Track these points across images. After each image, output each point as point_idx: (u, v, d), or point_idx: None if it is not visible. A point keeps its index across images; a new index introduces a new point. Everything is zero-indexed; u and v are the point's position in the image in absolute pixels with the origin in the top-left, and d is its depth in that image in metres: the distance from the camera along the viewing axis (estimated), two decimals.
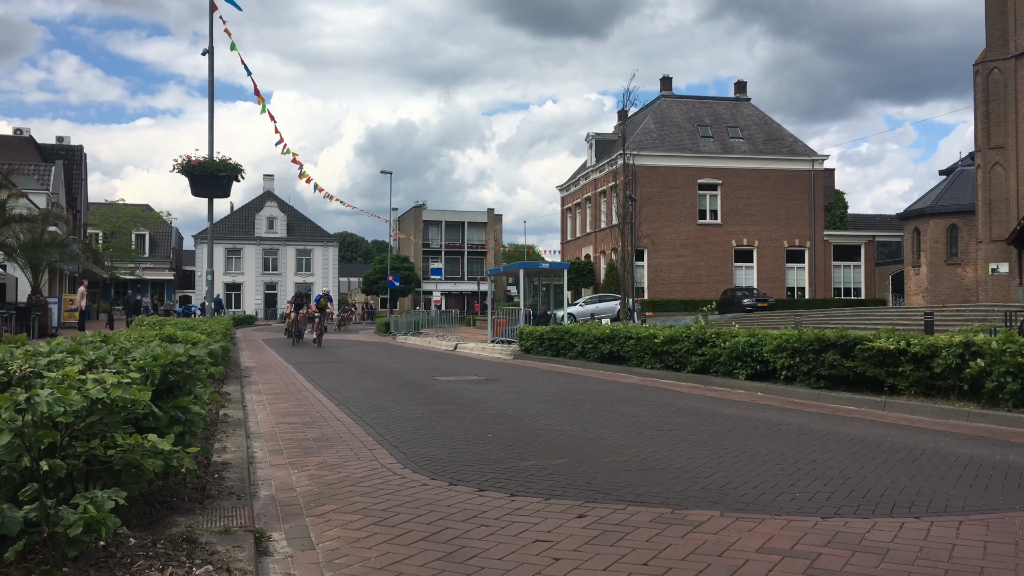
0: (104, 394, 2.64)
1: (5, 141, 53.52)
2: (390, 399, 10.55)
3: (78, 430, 2.90)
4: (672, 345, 14.32)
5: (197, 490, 4.54)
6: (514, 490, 5.14)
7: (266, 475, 5.71)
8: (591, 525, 4.29)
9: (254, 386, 12.49)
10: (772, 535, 4.10)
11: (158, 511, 4.06)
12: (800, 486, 5.24)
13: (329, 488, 5.27)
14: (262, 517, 4.49)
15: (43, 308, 28.83)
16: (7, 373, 3.17)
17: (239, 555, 3.41)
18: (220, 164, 16.78)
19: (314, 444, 7.05)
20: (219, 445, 6.25)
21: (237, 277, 76.76)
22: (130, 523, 3.65)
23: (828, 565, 3.63)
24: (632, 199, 40.40)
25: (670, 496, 4.96)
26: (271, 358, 19.81)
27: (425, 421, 8.41)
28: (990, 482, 5.47)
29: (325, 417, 8.84)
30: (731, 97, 58.27)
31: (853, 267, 53.92)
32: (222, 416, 8.01)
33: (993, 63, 40.89)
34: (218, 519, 4.01)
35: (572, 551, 3.85)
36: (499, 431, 7.69)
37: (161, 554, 3.29)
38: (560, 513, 4.55)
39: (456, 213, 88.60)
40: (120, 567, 3.09)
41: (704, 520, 4.38)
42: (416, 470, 5.82)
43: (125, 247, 65.15)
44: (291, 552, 3.88)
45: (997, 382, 8.95)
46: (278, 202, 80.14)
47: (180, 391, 4.06)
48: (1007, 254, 39.78)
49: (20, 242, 27.52)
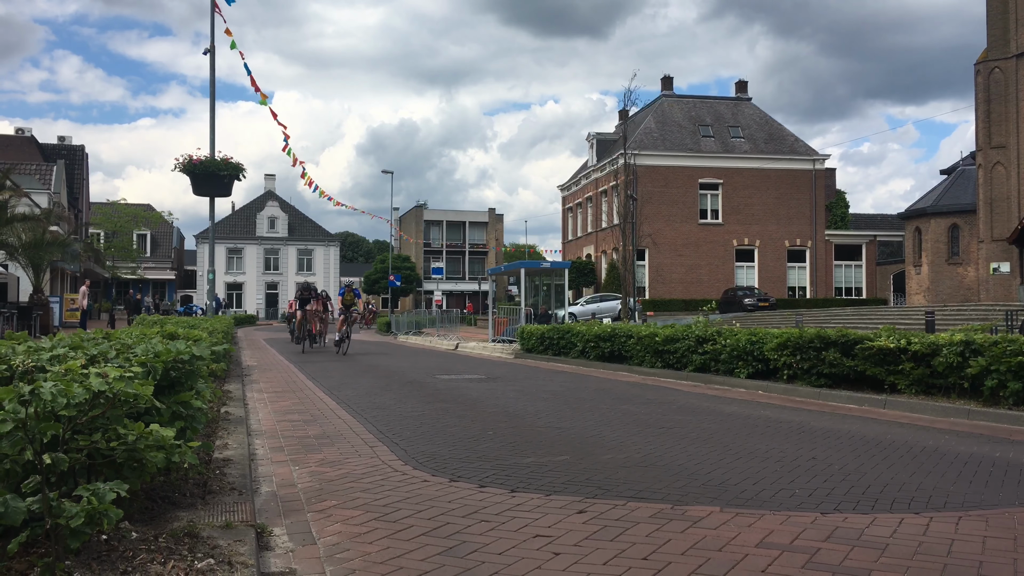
0: (107, 387, 2.65)
1: (7, 141, 53.56)
2: (391, 397, 10.56)
3: (80, 424, 2.92)
4: (673, 344, 14.33)
5: (199, 486, 4.55)
6: (514, 486, 5.15)
7: (267, 472, 5.73)
8: (591, 520, 4.31)
9: (255, 384, 12.51)
10: (771, 530, 4.11)
11: (160, 506, 4.08)
12: (800, 483, 5.25)
13: (330, 484, 5.28)
14: (263, 513, 4.51)
15: (45, 307, 28.85)
16: (10, 368, 3.19)
17: (240, 549, 3.43)
18: (221, 163, 16.81)
19: (315, 441, 7.06)
20: (220, 442, 6.27)
21: (238, 277, 76.80)
22: (132, 518, 3.67)
23: (827, 559, 3.64)
24: (633, 198, 40.39)
25: (670, 492, 4.98)
26: (272, 358, 19.82)
27: (426, 419, 8.43)
28: (989, 479, 5.48)
29: (326, 415, 8.86)
30: (732, 97, 58.25)
31: (854, 267, 53.90)
32: (223, 414, 8.02)
33: (994, 62, 40.86)
34: (219, 514, 4.02)
35: (572, 546, 3.87)
36: (500, 429, 7.70)
37: (163, 548, 3.31)
38: (560, 509, 4.56)
39: (457, 213, 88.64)
40: (122, 560, 3.11)
41: (704, 516, 4.39)
42: (417, 467, 5.84)
43: (126, 247, 65.21)
44: (292, 547, 3.90)
45: (997, 380, 8.96)
46: (279, 202, 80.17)
47: (182, 387, 4.07)
48: (1008, 253, 39.76)
49: (22, 241, 27.53)
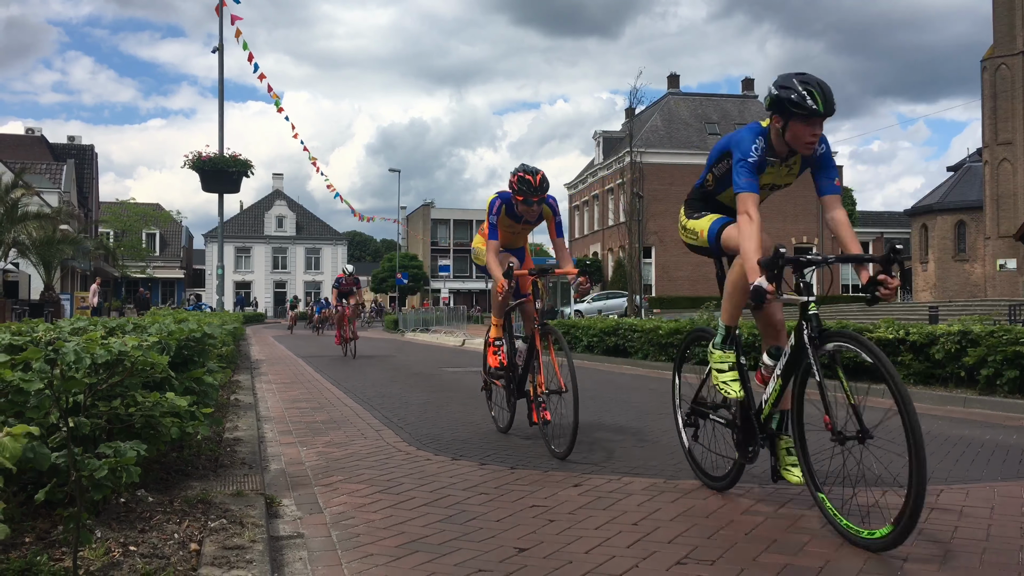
0: (127, 350, 2.84)
1: (17, 140, 54.04)
2: (397, 388, 10.76)
3: (101, 390, 3.11)
4: (676, 337, 14.48)
5: (211, 460, 4.75)
6: (514, 464, 5.34)
7: (276, 451, 5.92)
8: (586, 493, 4.48)
9: (264, 376, 12.72)
10: (759, 500, 4.28)
11: (174, 478, 4.27)
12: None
13: (336, 462, 5.47)
14: (272, 486, 4.70)
15: (56, 305, 29.19)
16: (34, 340, 3.39)
17: (251, 512, 3.62)
18: (230, 160, 17.06)
19: (322, 426, 7.26)
20: (231, 424, 6.47)
21: (247, 276, 77.22)
22: (148, 487, 3.86)
23: (809, 525, 3.81)
24: (639, 196, 40.53)
25: (664, 469, 5.15)
26: (281, 352, 20.06)
27: (430, 406, 8.61)
28: (992, 458, 5.63)
29: (333, 403, 9.05)
30: (738, 94, 58.36)
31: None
32: (233, 401, 8.22)
33: (1001, 59, 40.86)
34: (231, 484, 4.22)
35: (567, 514, 4.05)
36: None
37: (178, 510, 3.51)
38: (557, 483, 4.74)
39: (465, 211, 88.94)
40: (140, 520, 3.30)
41: (694, 488, 4.57)
42: (420, 447, 6.02)
43: (136, 245, 65.67)
44: (300, 515, 4.09)
45: (993, 369, 9.09)
46: (287, 201, 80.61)
47: (195, 364, 4.27)
48: (1015, 250, 39.76)
49: (33, 239, 27.89)
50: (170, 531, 3.22)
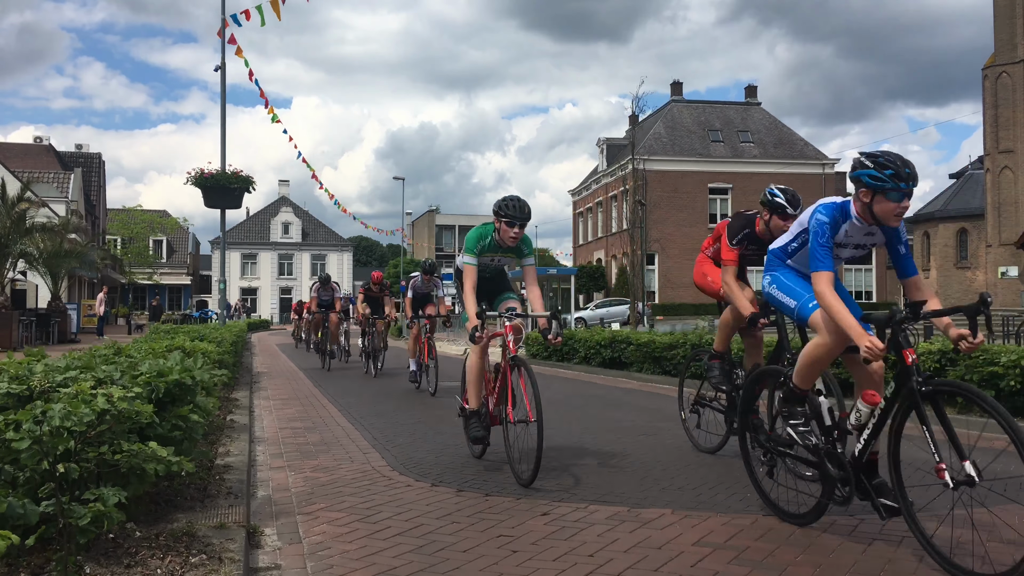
0: (111, 406, 3.13)
1: (25, 149, 54.59)
2: (392, 405, 11.03)
3: (89, 437, 3.39)
4: (671, 351, 14.72)
5: (199, 490, 5.03)
6: (489, 491, 5.60)
7: (265, 477, 6.20)
8: (552, 522, 4.75)
9: (263, 392, 13.01)
10: (712, 531, 4.54)
11: (163, 509, 4.55)
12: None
13: (321, 488, 5.75)
14: (258, 515, 4.98)
15: (62, 314, 29.58)
16: (29, 388, 3.67)
17: (231, 546, 3.89)
18: (232, 176, 17.37)
19: (313, 448, 7.54)
20: (223, 449, 6.75)
21: (253, 282, 77.69)
22: (138, 519, 4.13)
23: (752, 556, 4.07)
24: (642, 203, 40.75)
25: (630, 496, 5.41)
26: (283, 364, 20.34)
27: (421, 427, 8.88)
28: None
29: (327, 422, 9.33)
30: (741, 101, 58.55)
31: (864, 270, 54.04)
32: (229, 421, 8.50)
33: (1002, 67, 41.02)
34: (215, 516, 4.49)
35: (530, 545, 4.31)
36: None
37: (163, 545, 3.78)
38: (525, 512, 5.01)
39: (470, 217, 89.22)
40: (126, 555, 3.58)
41: (655, 518, 4.82)
42: (404, 472, 6.30)
43: (143, 252, 66.22)
44: (280, 545, 4.36)
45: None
46: (293, 207, 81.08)
47: (182, 402, 4.55)
48: (1017, 257, 39.89)
49: (41, 251, 28.29)
50: (153, 567, 3.49)
